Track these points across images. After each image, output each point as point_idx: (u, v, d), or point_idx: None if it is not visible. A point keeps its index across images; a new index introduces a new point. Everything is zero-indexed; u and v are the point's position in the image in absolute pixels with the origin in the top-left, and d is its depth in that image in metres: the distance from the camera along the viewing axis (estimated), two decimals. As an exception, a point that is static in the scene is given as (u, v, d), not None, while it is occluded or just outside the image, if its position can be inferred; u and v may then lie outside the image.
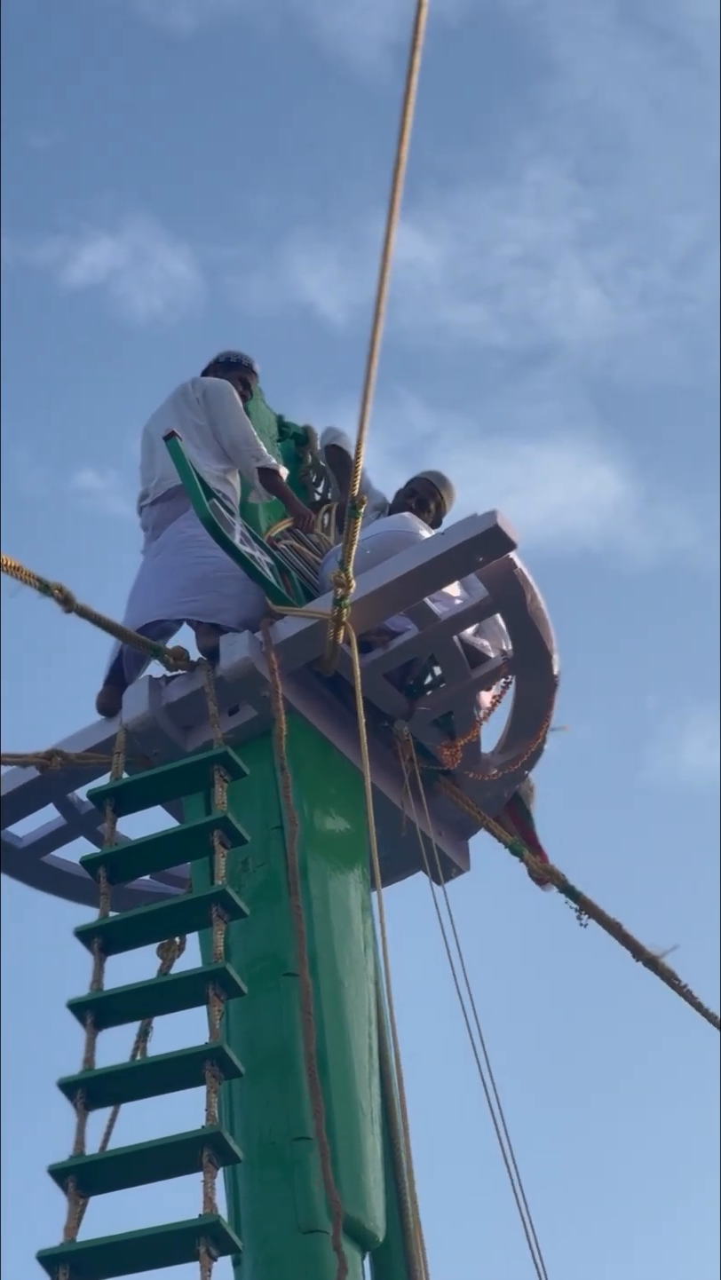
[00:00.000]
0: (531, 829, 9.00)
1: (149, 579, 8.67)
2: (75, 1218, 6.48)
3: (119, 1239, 6.38)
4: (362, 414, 7.72)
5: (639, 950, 8.95)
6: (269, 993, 7.32)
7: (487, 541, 8.02)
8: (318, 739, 8.24)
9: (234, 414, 9.03)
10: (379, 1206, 7.21)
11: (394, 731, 8.50)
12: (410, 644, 8.38)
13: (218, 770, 7.51)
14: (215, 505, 8.28)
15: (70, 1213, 6.48)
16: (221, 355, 9.56)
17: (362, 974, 7.69)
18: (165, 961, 8.37)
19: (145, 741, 8.24)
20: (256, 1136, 7.07)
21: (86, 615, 8.17)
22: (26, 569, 7.95)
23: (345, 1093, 7.21)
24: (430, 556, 8.12)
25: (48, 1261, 6.38)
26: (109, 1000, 7.07)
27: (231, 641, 8.15)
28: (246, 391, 9.42)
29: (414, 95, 7.12)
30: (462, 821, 8.87)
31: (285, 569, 8.72)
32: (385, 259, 7.40)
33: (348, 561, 7.98)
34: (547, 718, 8.61)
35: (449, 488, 9.55)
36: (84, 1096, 6.78)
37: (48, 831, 8.83)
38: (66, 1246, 6.40)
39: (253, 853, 7.66)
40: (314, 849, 7.76)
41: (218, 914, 7.03)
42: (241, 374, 9.44)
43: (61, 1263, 6.36)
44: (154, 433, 9.01)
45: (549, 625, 8.40)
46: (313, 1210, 6.91)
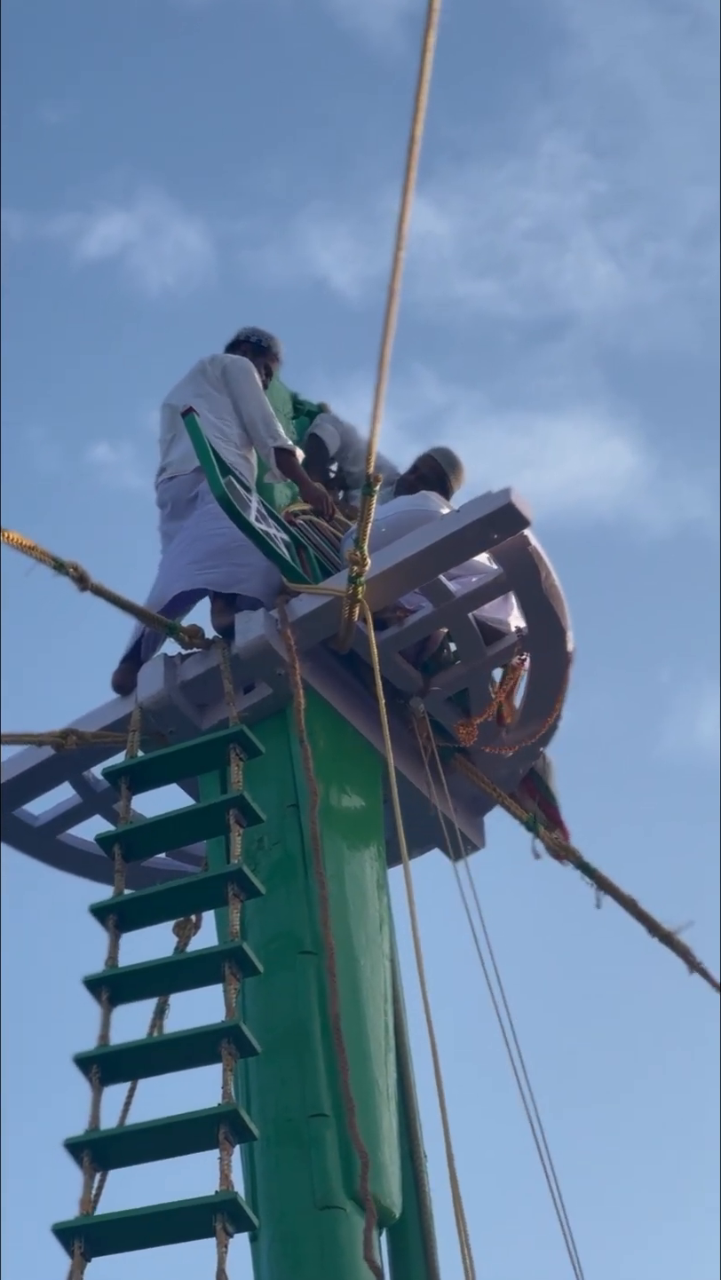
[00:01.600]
0: (554, 806, 9.00)
1: (171, 555, 8.67)
2: (90, 1191, 6.50)
3: (135, 1213, 6.40)
4: (378, 389, 7.70)
5: (654, 926, 8.95)
6: (285, 971, 7.33)
7: (501, 519, 8.01)
8: (333, 716, 8.24)
9: (253, 392, 9.02)
10: (395, 1183, 7.23)
11: (409, 709, 8.50)
12: (425, 621, 8.37)
13: (233, 748, 7.52)
14: (230, 482, 8.28)
15: (85, 1186, 6.51)
16: (252, 335, 9.52)
17: (378, 951, 7.69)
18: (181, 940, 8.38)
19: (160, 720, 8.25)
20: (273, 1114, 7.08)
21: (101, 594, 8.17)
22: (41, 548, 7.95)
23: (361, 1070, 7.22)
24: (444, 534, 8.11)
25: (63, 1234, 6.40)
26: (124, 977, 7.08)
27: (247, 619, 8.14)
28: (267, 378, 9.41)
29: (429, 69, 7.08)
30: (478, 798, 8.87)
31: (302, 546, 8.71)
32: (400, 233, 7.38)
33: (362, 539, 7.98)
34: (562, 694, 8.60)
35: (456, 467, 9.39)
36: (99, 1072, 6.80)
37: (63, 810, 8.84)
38: (82, 1219, 6.42)
39: (268, 831, 7.66)
40: (329, 826, 7.76)
41: (233, 892, 7.04)
42: (266, 360, 9.45)
43: (77, 1235, 6.38)
44: (175, 406, 9.00)
45: (563, 602, 8.39)
46: (329, 1186, 6.93)
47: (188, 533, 8.61)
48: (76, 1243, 6.35)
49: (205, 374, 9.12)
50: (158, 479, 9.00)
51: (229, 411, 8.95)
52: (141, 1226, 6.40)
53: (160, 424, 9.19)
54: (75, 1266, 6.29)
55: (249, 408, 8.95)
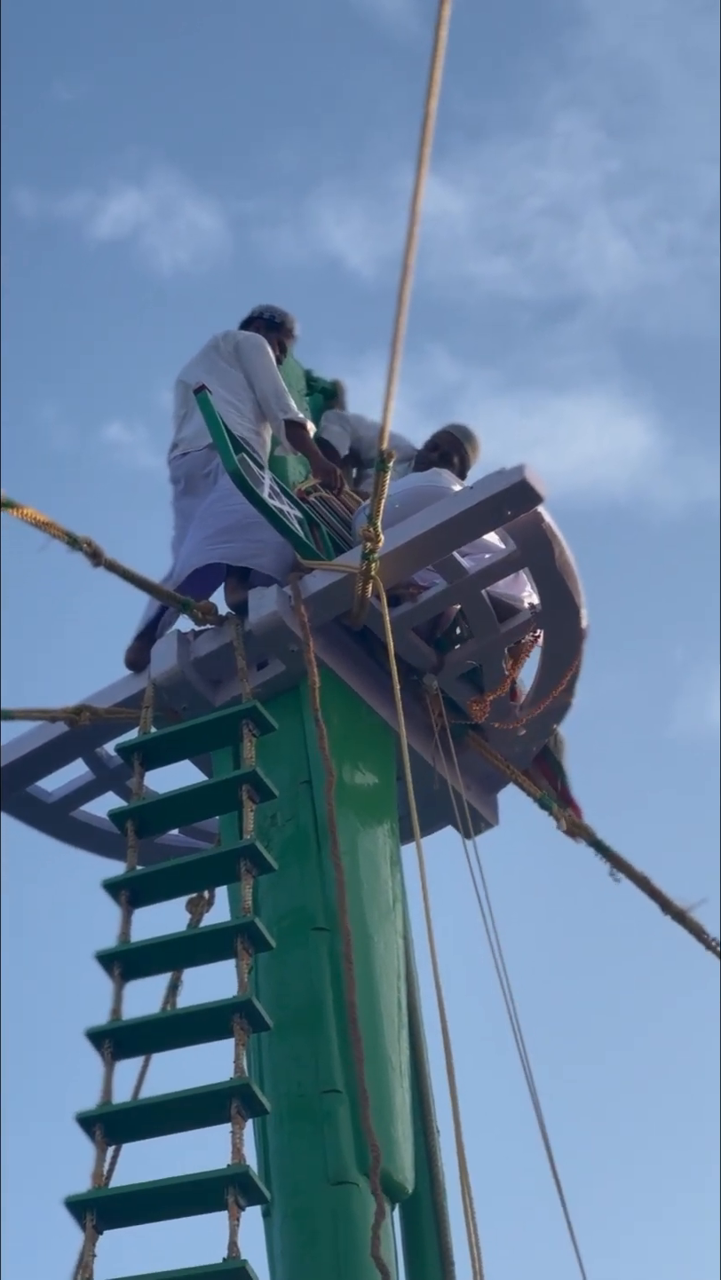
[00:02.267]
0: (565, 784, 9.00)
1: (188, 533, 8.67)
2: (102, 1165, 6.52)
3: (147, 1186, 6.41)
4: (392, 367, 7.69)
5: (667, 904, 8.95)
6: (297, 947, 7.34)
7: (515, 495, 8.00)
8: (345, 693, 8.23)
9: (266, 367, 9.03)
10: (408, 1158, 7.24)
11: (422, 685, 8.50)
12: (438, 598, 8.37)
13: (246, 725, 7.51)
14: (244, 459, 8.27)
15: (97, 1159, 6.52)
16: (265, 311, 9.50)
17: (391, 928, 7.70)
18: (194, 916, 8.39)
19: (173, 696, 8.25)
20: (285, 1090, 7.09)
21: (115, 569, 8.16)
22: (56, 524, 7.95)
23: (374, 1046, 7.22)
24: (458, 510, 8.10)
25: (75, 1207, 6.41)
26: (136, 952, 7.08)
27: (260, 596, 8.14)
28: (281, 355, 9.40)
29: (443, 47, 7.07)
30: (491, 775, 8.87)
31: (314, 523, 8.71)
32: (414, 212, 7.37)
33: (376, 515, 7.97)
34: (575, 671, 8.59)
35: (473, 441, 9.51)
36: (111, 1046, 6.81)
37: (76, 786, 8.84)
38: (94, 1192, 6.43)
39: (281, 807, 7.67)
40: (342, 803, 7.74)
41: (246, 868, 7.04)
42: (281, 337, 9.43)
43: (89, 1208, 6.39)
44: (188, 383, 9.00)
45: (577, 579, 8.38)
46: (342, 1162, 6.93)
47: (204, 510, 8.61)
48: (88, 1215, 6.36)
49: (218, 350, 9.12)
50: (170, 455, 9.01)
51: (242, 387, 8.95)
52: (153, 1199, 6.41)
53: (174, 400, 9.19)
54: (88, 1239, 6.30)
55: (261, 382, 8.96)
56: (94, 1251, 6.29)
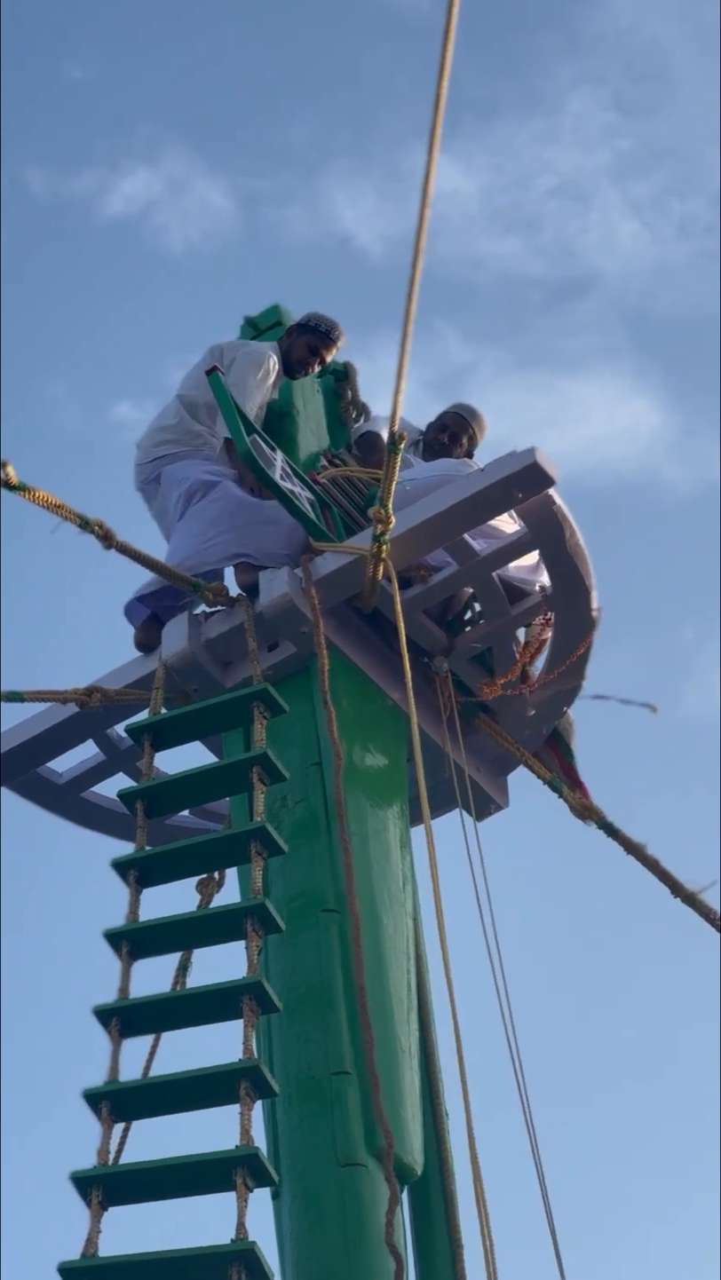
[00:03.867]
0: (572, 764, 9.00)
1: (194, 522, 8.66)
2: (108, 1142, 6.52)
3: (154, 1164, 6.42)
4: (402, 347, 7.68)
5: (676, 886, 8.93)
6: (307, 929, 7.35)
7: (526, 478, 8.00)
8: (356, 675, 8.24)
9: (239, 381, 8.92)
10: (417, 1140, 7.25)
11: (433, 667, 8.50)
12: (449, 580, 8.36)
13: (257, 706, 7.51)
14: (255, 441, 8.27)
15: (103, 1136, 6.52)
16: (307, 316, 9.37)
17: (401, 910, 7.70)
18: (204, 898, 8.38)
19: (184, 677, 8.26)
20: (295, 1071, 7.10)
21: (126, 551, 8.17)
22: (68, 506, 7.95)
23: (383, 1028, 7.23)
24: (469, 493, 8.10)
25: (81, 1183, 6.41)
26: (144, 931, 7.08)
27: (271, 577, 8.14)
28: (314, 360, 9.29)
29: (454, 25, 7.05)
30: (502, 758, 8.87)
31: (326, 504, 8.71)
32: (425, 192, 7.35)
33: (387, 498, 7.96)
34: (586, 652, 8.59)
35: (480, 420, 9.53)
36: (119, 1024, 6.80)
37: (87, 767, 8.85)
38: (100, 1169, 6.43)
39: (291, 789, 7.67)
40: (352, 785, 7.76)
41: (256, 850, 7.04)
42: (313, 341, 9.27)
43: (95, 1185, 6.38)
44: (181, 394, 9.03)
45: (587, 561, 8.37)
46: (351, 1144, 6.94)
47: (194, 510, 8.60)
48: (94, 1192, 6.36)
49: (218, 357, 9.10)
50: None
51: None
52: (160, 1177, 6.41)
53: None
54: (93, 1215, 6.31)
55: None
56: (99, 1228, 6.29)
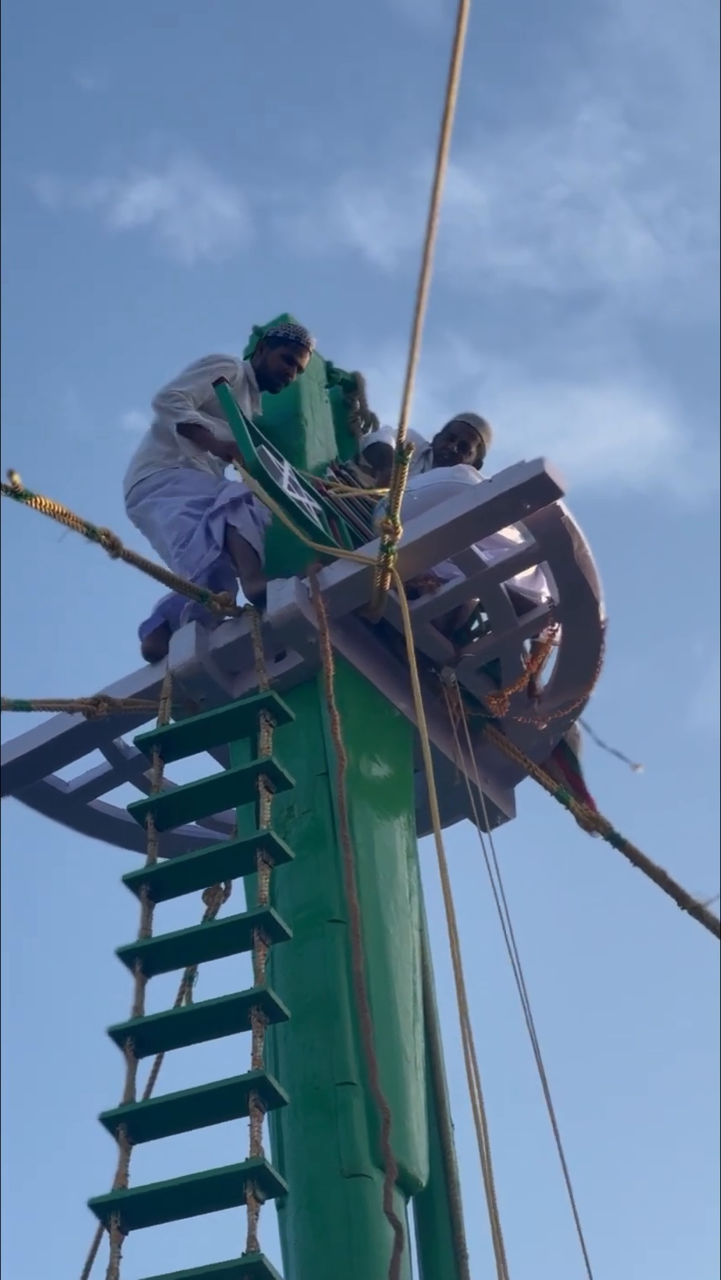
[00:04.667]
0: (579, 775, 9.00)
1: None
2: (125, 1165, 6.50)
3: (169, 1184, 6.39)
4: (411, 357, 7.68)
5: (683, 898, 8.93)
6: (314, 939, 7.34)
7: (535, 489, 7.99)
8: (363, 685, 8.23)
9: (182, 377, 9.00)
10: (422, 1152, 7.23)
11: (440, 678, 8.49)
12: (457, 590, 8.36)
13: (264, 716, 7.51)
14: (263, 452, 8.27)
15: (121, 1160, 6.50)
16: (272, 329, 9.43)
17: (407, 921, 7.70)
18: (211, 907, 8.40)
19: (191, 687, 8.25)
20: (301, 1081, 7.08)
21: (133, 561, 8.17)
22: (74, 514, 7.96)
23: (389, 1039, 7.23)
24: (477, 503, 8.09)
25: (100, 1209, 6.40)
26: (157, 947, 7.07)
27: (278, 587, 8.14)
28: (292, 369, 9.33)
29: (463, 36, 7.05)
30: (509, 769, 8.86)
31: (333, 515, 8.71)
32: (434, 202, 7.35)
33: (395, 508, 7.96)
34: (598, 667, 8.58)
35: (487, 428, 9.55)
36: (134, 1044, 6.80)
37: (94, 777, 8.85)
38: (118, 1194, 6.41)
39: (298, 799, 7.67)
40: (359, 795, 7.76)
41: (263, 859, 7.04)
42: (287, 351, 9.29)
43: (114, 1209, 6.38)
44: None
45: (595, 573, 8.37)
46: (356, 1154, 6.93)
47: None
48: (114, 1215, 6.35)
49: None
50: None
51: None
52: (175, 1196, 6.39)
53: None
54: (113, 1240, 6.29)
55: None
56: (120, 1253, 6.27)
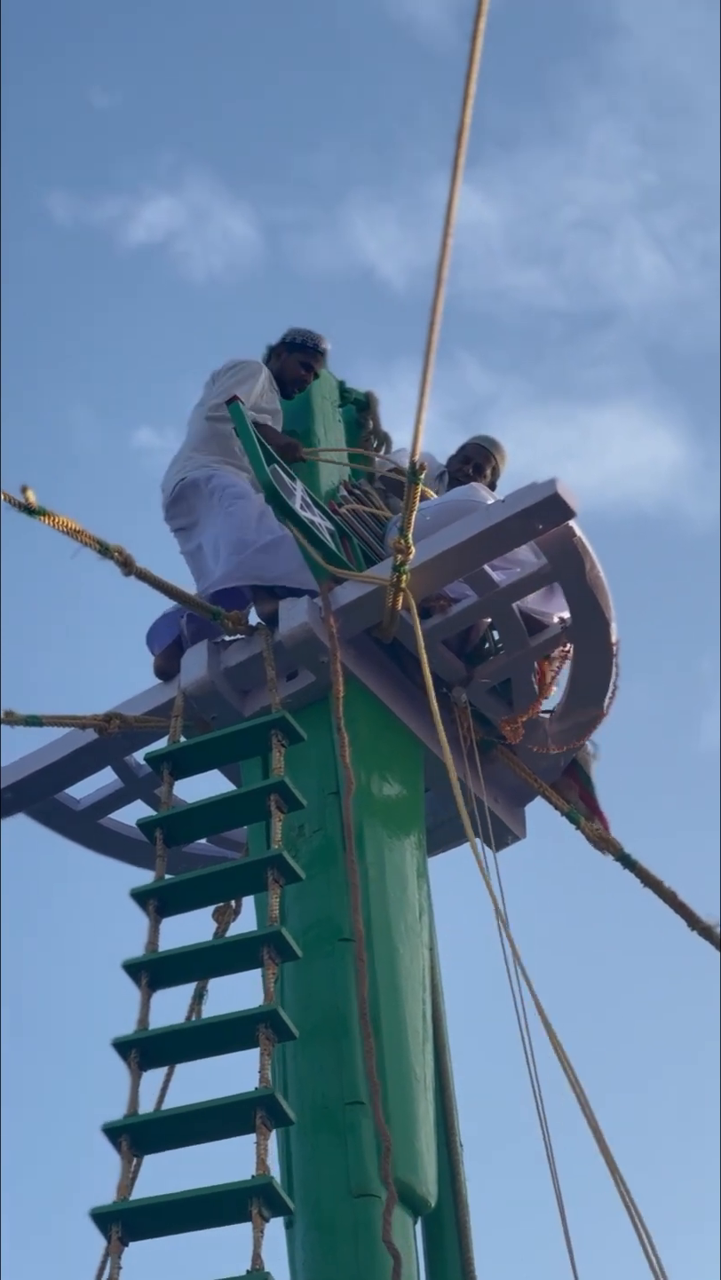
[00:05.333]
0: (593, 795, 9.00)
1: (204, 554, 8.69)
2: (128, 1176, 6.51)
3: (172, 1198, 6.40)
4: (424, 377, 7.69)
5: (694, 919, 8.92)
6: (324, 957, 7.34)
7: (547, 509, 7.99)
8: (375, 705, 8.24)
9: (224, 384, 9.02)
10: (431, 1172, 7.23)
11: (451, 698, 8.49)
12: (469, 611, 8.36)
13: (275, 735, 7.52)
14: (276, 471, 8.28)
15: (123, 1171, 6.51)
16: (290, 335, 9.49)
17: (418, 940, 7.69)
18: (220, 925, 8.38)
19: (203, 705, 8.26)
20: (310, 1100, 7.08)
21: (146, 578, 8.18)
22: (87, 531, 7.97)
23: (398, 1058, 7.23)
24: (489, 524, 8.10)
25: (101, 1219, 6.40)
26: (164, 962, 7.08)
27: (290, 606, 8.15)
28: (309, 375, 9.39)
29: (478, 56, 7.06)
30: (519, 788, 8.86)
31: (346, 534, 8.71)
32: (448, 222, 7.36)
33: (407, 528, 7.97)
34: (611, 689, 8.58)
35: (501, 451, 9.58)
36: (138, 1056, 6.81)
37: (105, 794, 8.86)
38: (120, 1204, 6.42)
39: (309, 818, 7.67)
40: (370, 815, 7.76)
41: (273, 878, 7.04)
42: (305, 358, 9.39)
43: (115, 1220, 6.38)
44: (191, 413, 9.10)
45: (607, 594, 8.36)
46: (365, 1174, 6.92)
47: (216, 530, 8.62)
48: (115, 1226, 6.36)
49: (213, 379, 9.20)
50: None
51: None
52: (178, 1211, 6.39)
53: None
54: (113, 1251, 6.30)
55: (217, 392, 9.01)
56: (119, 1264, 6.29)
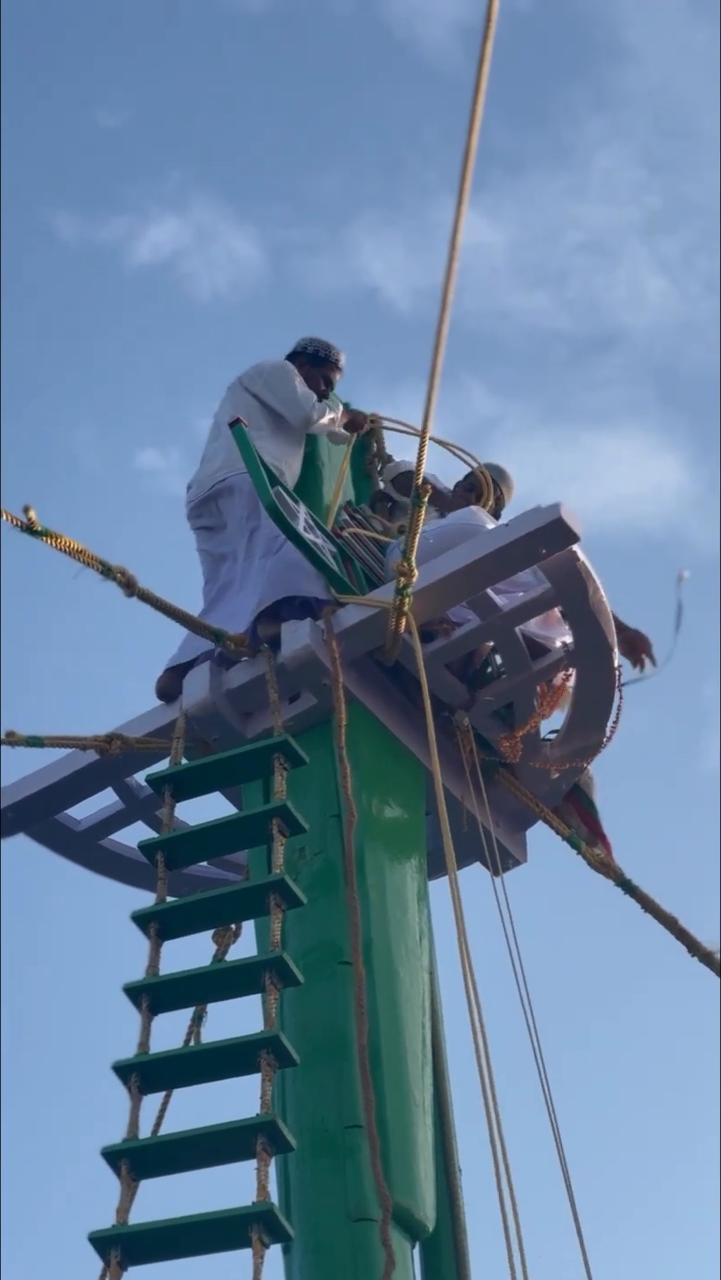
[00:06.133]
0: (596, 819, 8.98)
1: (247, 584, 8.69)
2: (127, 1201, 6.49)
3: (171, 1223, 6.38)
4: (428, 399, 7.69)
5: (694, 945, 8.91)
6: (324, 981, 7.32)
7: (550, 534, 7.99)
8: (377, 728, 8.23)
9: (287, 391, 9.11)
10: (429, 1196, 7.21)
11: (453, 722, 8.48)
12: (472, 634, 8.36)
13: (277, 758, 7.51)
14: (279, 493, 8.28)
15: (122, 1195, 6.49)
16: (309, 345, 9.52)
17: (418, 964, 7.68)
18: (220, 948, 8.38)
19: (205, 727, 8.25)
20: (309, 1125, 7.07)
21: (148, 600, 8.17)
22: (89, 552, 7.97)
23: (397, 1082, 7.21)
24: (493, 547, 8.10)
25: (100, 1243, 6.38)
26: (165, 985, 7.06)
27: (293, 629, 8.14)
28: (328, 389, 9.43)
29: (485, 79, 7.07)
30: (521, 812, 8.85)
31: (348, 557, 8.71)
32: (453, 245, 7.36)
33: (410, 551, 7.97)
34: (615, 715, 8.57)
35: (508, 481, 9.57)
36: (138, 1080, 6.78)
37: (106, 815, 8.85)
38: (118, 1229, 6.40)
39: (310, 841, 7.66)
40: (371, 838, 7.75)
41: (275, 902, 7.03)
42: (325, 371, 9.46)
43: (113, 1244, 6.36)
44: (219, 420, 9.06)
45: (610, 619, 8.37)
46: (364, 1199, 6.90)
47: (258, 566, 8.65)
48: (113, 1252, 6.33)
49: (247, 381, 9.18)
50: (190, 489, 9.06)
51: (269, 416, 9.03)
52: (177, 1236, 6.38)
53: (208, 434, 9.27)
54: (112, 1275, 6.28)
55: (285, 407, 9.07)
56: None
